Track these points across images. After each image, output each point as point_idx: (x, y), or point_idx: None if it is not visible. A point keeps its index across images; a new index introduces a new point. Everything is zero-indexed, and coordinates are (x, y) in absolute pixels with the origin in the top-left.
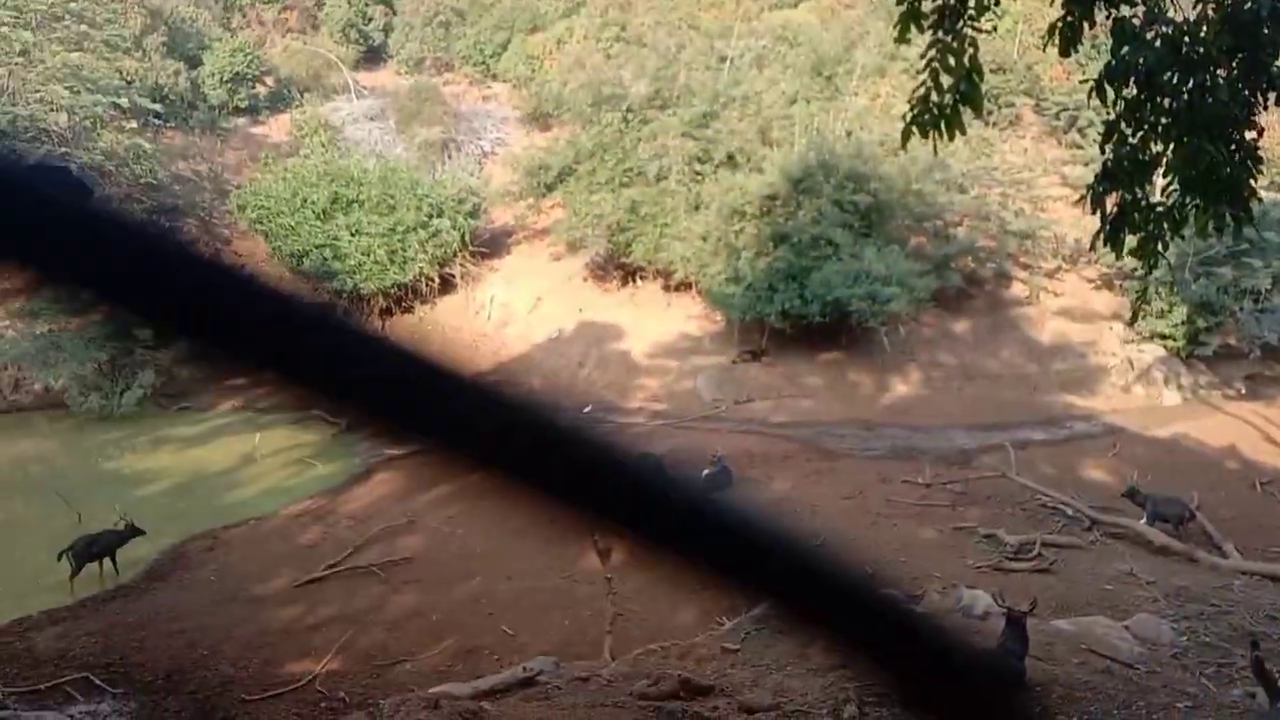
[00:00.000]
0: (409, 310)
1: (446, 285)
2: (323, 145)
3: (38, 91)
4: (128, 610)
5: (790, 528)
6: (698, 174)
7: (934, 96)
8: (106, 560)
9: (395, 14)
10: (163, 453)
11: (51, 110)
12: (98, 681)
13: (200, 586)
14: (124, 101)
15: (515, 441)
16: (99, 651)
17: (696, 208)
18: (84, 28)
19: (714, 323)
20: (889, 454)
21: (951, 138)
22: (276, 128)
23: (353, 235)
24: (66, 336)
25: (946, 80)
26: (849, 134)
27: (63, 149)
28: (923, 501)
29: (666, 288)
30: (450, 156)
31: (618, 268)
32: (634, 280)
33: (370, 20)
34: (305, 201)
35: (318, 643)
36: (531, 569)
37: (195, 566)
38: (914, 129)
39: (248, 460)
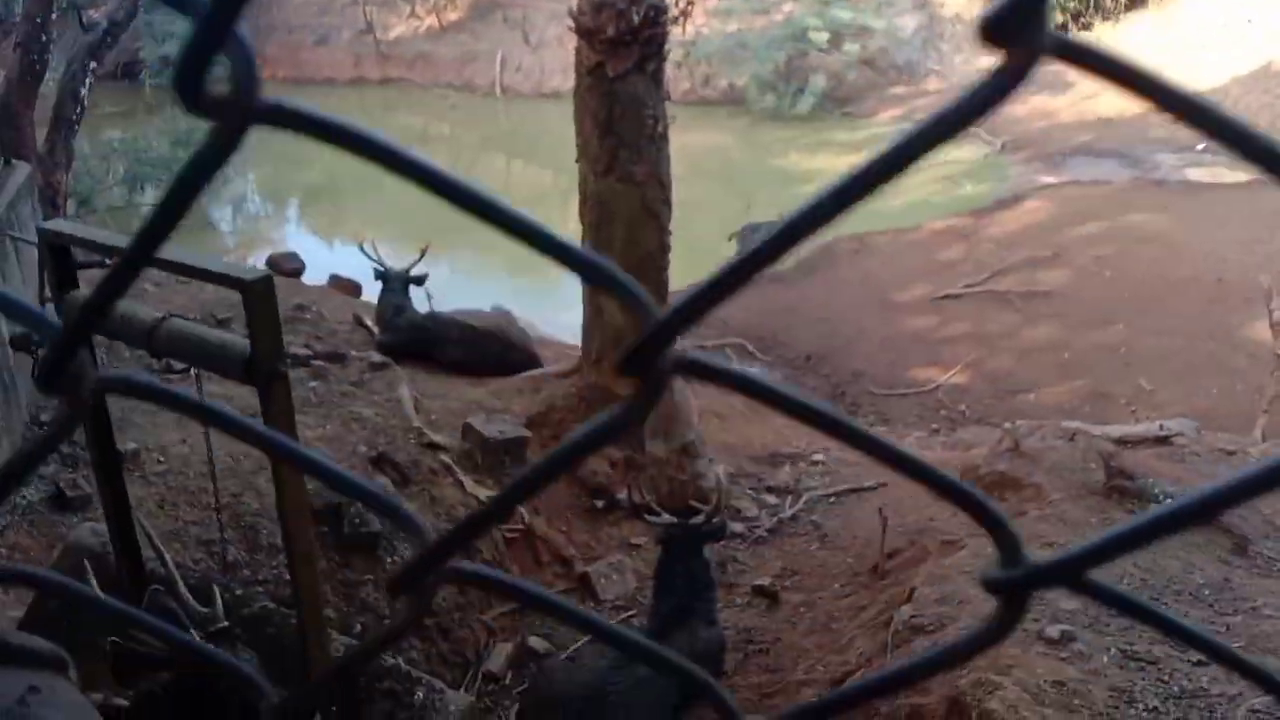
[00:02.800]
0: (1086, 27)
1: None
2: None
3: None
4: (781, 296)
5: None
6: None
7: None
8: None
9: None
10: (823, 154)
11: None
12: (750, 348)
13: (843, 285)
14: None
15: None
16: (755, 324)
17: None
18: None
19: None
20: None
21: None
22: None
23: None
24: (753, 36)
25: None
26: None
27: None
28: None
29: None
30: None
31: None
32: None
33: None
34: None
35: (945, 356)
36: (1184, 328)
37: (841, 266)
38: None
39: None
